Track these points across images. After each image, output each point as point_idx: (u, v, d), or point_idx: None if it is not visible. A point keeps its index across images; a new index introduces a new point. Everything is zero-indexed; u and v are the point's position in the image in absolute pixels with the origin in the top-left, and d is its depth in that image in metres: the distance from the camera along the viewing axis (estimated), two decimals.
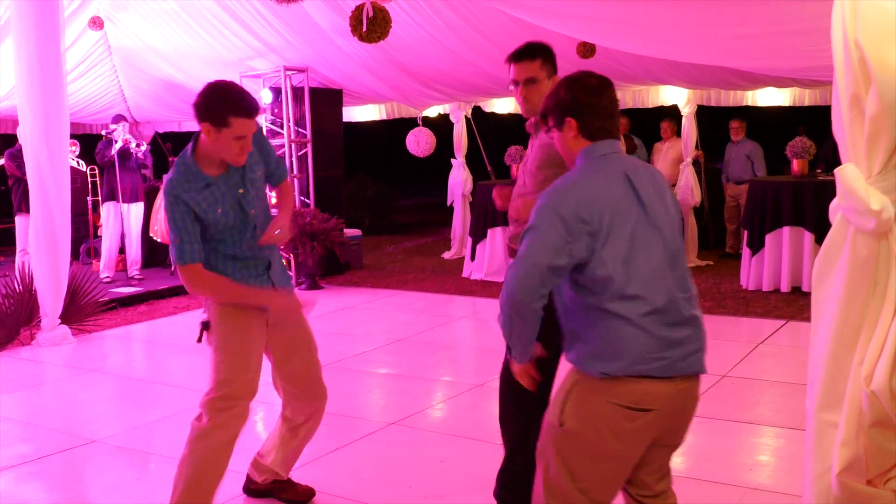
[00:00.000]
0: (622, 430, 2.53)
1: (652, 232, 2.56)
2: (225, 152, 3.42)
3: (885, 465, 2.02)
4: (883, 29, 1.93)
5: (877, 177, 2.00)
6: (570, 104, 2.65)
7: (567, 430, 2.58)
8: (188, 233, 3.45)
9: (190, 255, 3.46)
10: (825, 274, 2.13)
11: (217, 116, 3.33)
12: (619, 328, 2.48)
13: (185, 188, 3.45)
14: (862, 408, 2.00)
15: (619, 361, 2.48)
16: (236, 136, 3.37)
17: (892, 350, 1.95)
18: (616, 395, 2.50)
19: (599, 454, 2.57)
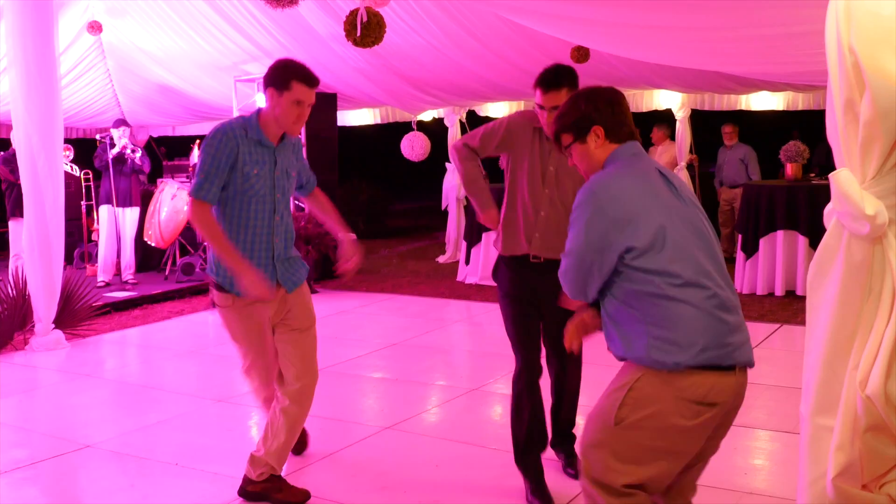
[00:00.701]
0: (688, 427, 2.55)
1: (694, 221, 2.65)
2: (283, 117, 3.78)
3: (880, 469, 2.02)
4: (877, 34, 1.94)
5: (871, 182, 2.00)
6: (594, 114, 2.77)
7: (624, 427, 2.58)
8: (216, 173, 3.76)
9: (206, 192, 3.77)
10: (820, 279, 2.13)
11: (281, 80, 3.74)
12: (689, 314, 2.52)
13: (241, 133, 3.80)
14: (857, 412, 2.00)
15: (691, 348, 2.50)
16: (296, 101, 3.75)
17: (886, 355, 1.95)
18: (684, 388, 2.52)
19: (657, 452, 2.58)
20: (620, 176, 2.67)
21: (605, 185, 2.64)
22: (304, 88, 3.77)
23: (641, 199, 2.58)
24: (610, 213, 2.57)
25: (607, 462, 2.61)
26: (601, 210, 2.59)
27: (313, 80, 3.82)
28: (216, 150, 3.75)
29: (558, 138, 2.86)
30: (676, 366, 2.50)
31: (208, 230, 3.80)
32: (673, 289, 2.52)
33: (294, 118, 3.80)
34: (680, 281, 2.52)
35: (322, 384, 4.10)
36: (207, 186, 3.76)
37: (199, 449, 4.92)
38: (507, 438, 4.80)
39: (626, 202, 2.57)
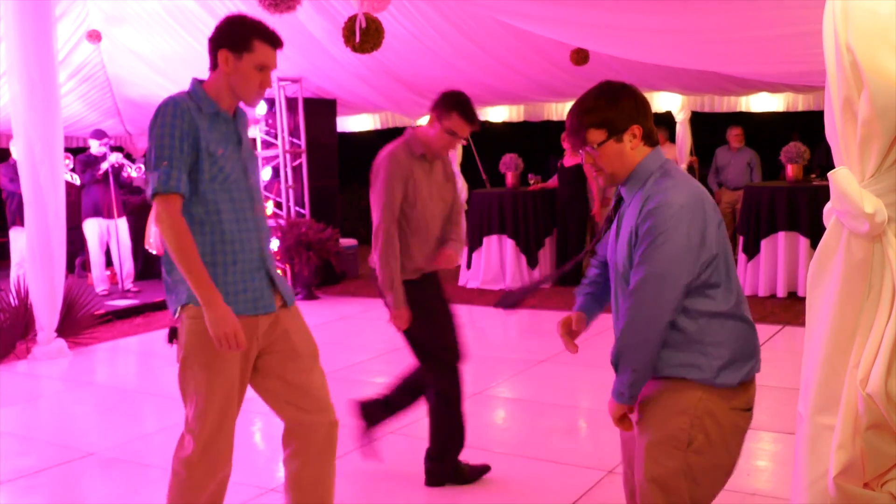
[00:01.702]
0: (741, 436, 2.56)
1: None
2: (242, 85, 3.04)
3: (881, 467, 2.02)
4: (875, 32, 1.94)
5: (870, 180, 2.00)
6: (635, 112, 2.54)
7: (695, 450, 2.49)
8: (180, 158, 2.91)
9: (176, 183, 2.89)
10: (819, 277, 2.13)
11: (240, 39, 3.00)
12: (746, 331, 2.52)
13: (193, 106, 3.00)
14: (858, 411, 2.00)
15: (749, 363, 2.51)
16: (258, 65, 3.02)
17: (887, 353, 1.95)
18: (738, 399, 2.51)
19: (723, 470, 2.56)
20: (685, 183, 2.50)
21: (681, 195, 2.44)
22: (268, 49, 3.05)
23: (709, 204, 2.50)
24: (698, 223, 2.42)
25: (687, 489, 2.51)
26: (688, 223, 2.41)
27: (277, 40, 3.09)
28: (172, 126, 2.91)
29: (585, 135, 2.56)
30: (740, 383, 2.49)
31: (180, 237, 2.89)
32: (735, 307, 2.49)
33: (256, 86, 3.05)
34: (738, 299, 2.51)
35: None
36: (176, 175, 2.88)
37: None
38: (510, 442, 4.82)
39: (703, 208, 2.45)
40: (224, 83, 3.05)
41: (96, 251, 10.08)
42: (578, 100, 2.60)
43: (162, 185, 2.88)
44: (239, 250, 3.03)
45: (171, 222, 2.89)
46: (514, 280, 10.07)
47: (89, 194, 9.95)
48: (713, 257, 2.44)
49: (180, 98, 2.99)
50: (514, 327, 8.57)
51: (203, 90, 3.06)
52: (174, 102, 2.96)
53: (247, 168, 3.11)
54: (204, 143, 2.95)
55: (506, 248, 10.17)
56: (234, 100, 3.09)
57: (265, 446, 5.24)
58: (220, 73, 3.05)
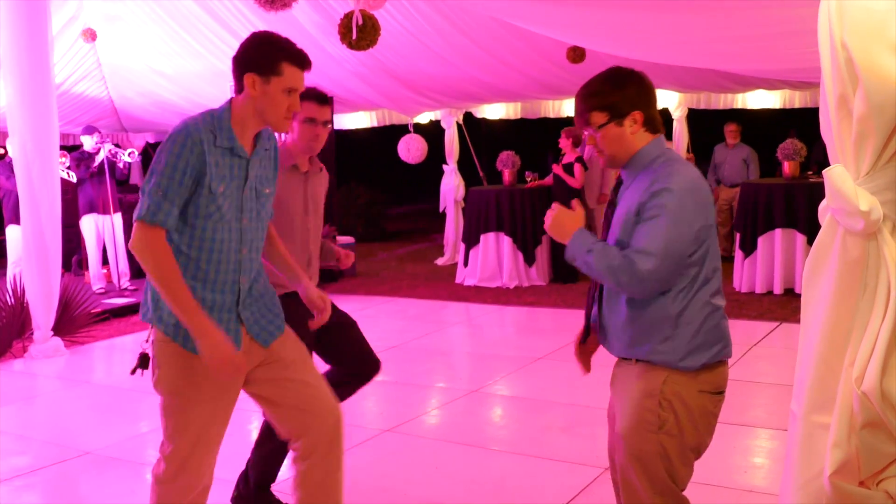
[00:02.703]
0: (710, 418, 2.67)
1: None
2: (270, 110, 2.89)
3: (877, 465, 2.01)
4: (870, 29, 1.93)
5: (865, 178, 2.00)
6: (637, 98, 2.65)
7: (667, 432, 2.60)
8: (178, 190, 2.79)
9: (165, 215, 2.78)
10: (815, 275, 2.13)
11: (267, 62, 2.86)
12: (718, 318, 2.64)
13: (208, 139, 2.84)
14: (853, 409, 2.00)
15: (714, 348, 2.62)
16: (287, 89, 2.88)
17: (882, 351, 1.94)
18: (707, 382, 2.63)
19: (693, 447, 2.66)
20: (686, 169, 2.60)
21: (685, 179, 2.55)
22: (297, 72, 2.92)
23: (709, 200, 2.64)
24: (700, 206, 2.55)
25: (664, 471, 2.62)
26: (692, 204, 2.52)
27: (306, 62, 2.95)
28: (177, 157, 2.78)
29: (589, 116, 2.66)
30: (704, 366, 2.61)
31: (163, 266, 2.77)
32: (712, 295, 2.61)
33: (285, 111, 2.91)
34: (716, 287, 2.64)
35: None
36: (167, 207, 2.77)
37: None
38: (507, 439, 4.82)
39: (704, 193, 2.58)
40: (251, 107, 2.91)
41: (93, 249, 10.07)
42: (587, 82, 2.72)
43: (150, 216, 2.77)
44: (210, 289, 2.92)
45: (151, 251, 2.78)
46: (510, 278, 10.07)
47: (84, 191, 9.92)
48: (702, 243, 2.55)
49: (196, 128, 2.83)
50: (511, 325, 8.58)
51: (230, 118, 2.92)
52: (188, 133, 2.81)
53: (243, 207, 2.94)
54: (207, 179, 2.82)
55: (503, 245, 10.17)
56: (260, 124, 2.96)
57: None
58: (246, 97, 2.91)
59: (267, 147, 3.06)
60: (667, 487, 2.64)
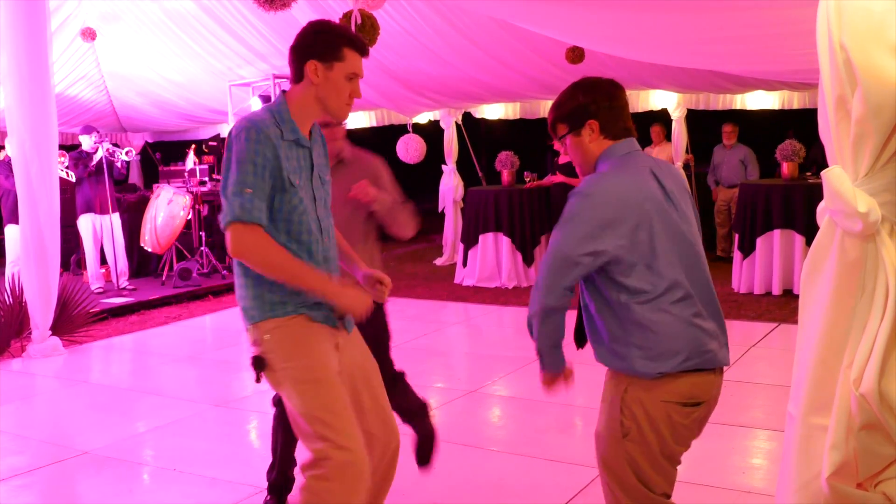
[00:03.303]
0: (680, 428, 2.61)
1: (685, 228, 2.64)
2: (332, 97, 2.86)
3: (875, 467, 2.01)
4: (868, 30, 1.93)
5: (863, 179, 1.99)
6: (592, 106, 2.69)
7: (632, 440, 2.61)
8: (262, 188, 2.74)
9: (259, 213, 2.72)
10: (813, 276, 2.12)
11: (329, 48, 2.82)
12: (668, 324, 2.55)
13: (276, 132, 2.79)
14: (851, 411, 2.00)
15: (674, 358, 2.55)
16: (349, 75, 2.85)
17: (880, 353, 1.94)
18: (670, 392, 2.58)
19: (663, 457, 2.63)
20: (609, 178, 2.63)
21: (594, 186, 2.60)
22: (357, 57, 2.87)
23: (626, 204, 2.55)
24: (597, 215, 2.54)
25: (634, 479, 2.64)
26: (589, 211, 2.55)
27: (365, 48, 2.92)
28: (254, 153, 2.72)
29: (554, 128, 2.79)
30: (661, 375, 2.56)
31: (271, 255, 2.75)
32: (664, 303, 2.55)
33: (347, 97, 2.88)
34: (669, 296, 2.55)
35: None
36: (259, 204, 2.72)
37: (198, 454, 4.91)
38: (505, 440, 4.82)
39: (611, 206, 2.54)
40: (312, 96, 2.87)
41: (90, 248, 10.05)
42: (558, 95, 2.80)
43: (247, 214, 2.71)
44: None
45: (254, 249, 2.75)
46: (509, 278, 10.07)
47: (82, 190, 9.91)
48: (616, 249, 2.52)
49: (262, 123, 2.78)
50: (509, 325, 8.57)
51: (288, 110, 2.87)
52: (257, 128, 2.75)
53: (315, 197, 2.93)
54: (284, 173, 2.78)
55: (501, 245, 10.17)
56: (321, 113, 2.92)
57: (261, 445, 5.24)
58: (306, 84, 2.86)
59: (320, 133, 3.06)
60: (639, 492, 2.65)
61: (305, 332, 2.85)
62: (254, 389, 6.25)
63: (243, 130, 2.75)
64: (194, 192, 11.20)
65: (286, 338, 2.83)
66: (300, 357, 2.82)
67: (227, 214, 2.73)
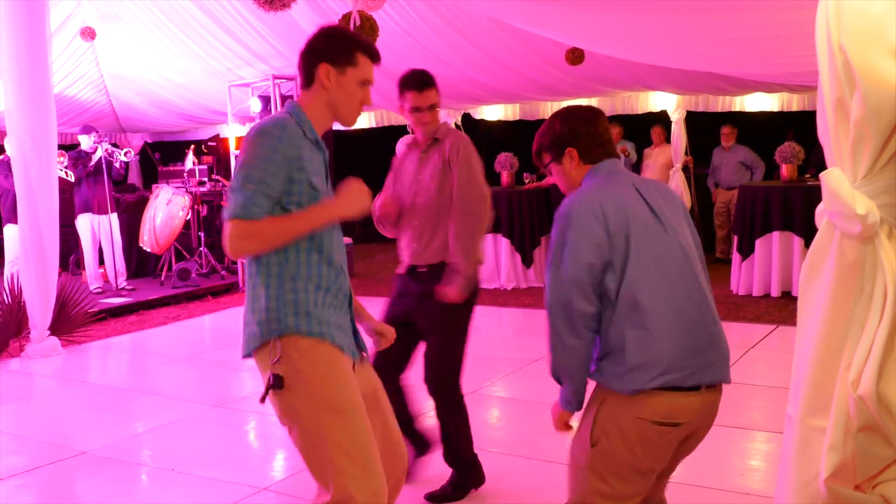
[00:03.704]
0: (652, 446, 2.58)
1: (673, 243, 2.62)
2: (344, 103, 2.80)
3: (873, 469, 2.01)
4: (867, 32, 1.93)
5: (862, 181, 1.99)
6: (569, 135, 2.76)
7: (599, 450, 2.61)
8: (271, 185, 2.64)
9: (257, 209, 2.61)
10: (812, 278, 2.12)
11: (342, 52, 2.75)
12: (647, 342, 2.51)
13: (298, 141, 2.69)
14: (850, 413, 2.00)
15: (648, 373, 2.51)
16: (362, 81, 2.79)
17: (878, 355, 1.94)
18: (645, 410, 2.54)
19: (631, 470, 2.61)
20: (592, 195, 2.64)
21: (578, 203, 2.62)
22: (370, 64, 2.81)
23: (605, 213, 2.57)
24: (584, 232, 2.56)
25: (593, 483, 2.64)
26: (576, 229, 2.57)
27: (377, 55, 2.84)
28: (274, 150, 2.63)
29: (539, 157, 2.87)
30: (634, 392, 2.53)
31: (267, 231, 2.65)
32: (636, 317, 2.53)
33: (357, 104, 2.82)
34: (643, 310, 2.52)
35: None
36: (261, 201, 2.62)
37: (196, 454, 4.91)
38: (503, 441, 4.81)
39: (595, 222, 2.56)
40: (323, 101, 2.80)
41: (89, 248, 10.05)
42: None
43: (245, 211, 2.60)
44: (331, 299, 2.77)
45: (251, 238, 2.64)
46: (508, 279, 10.07)
47: (81, 190, 9.92)
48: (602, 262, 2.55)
49: (285, 121, 2.70)
50: (508, 326, 8.57)
51: (304, 114, 2.78)
52: (282, 126, 2.67)
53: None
54: (307, 175, 2.68)
55: (501, 247, 10.16)
56: (331, 119, 2.85)
57: (259, 446, 5.24)
58: (318, 89, 2.78)
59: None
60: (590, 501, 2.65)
61: (336, 358, 2.71)
62: (252, 390, 6.25)
63: (267, 127, 2.67)
64: (193, 192, 11.20)
65: (316, 361, 2.67)
66: (331, 384, 2.67)
67: (228, 209, 2.65)
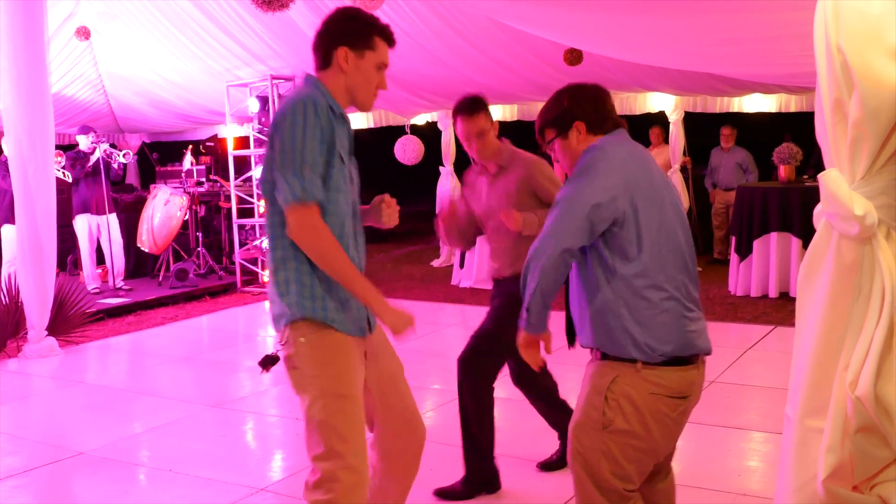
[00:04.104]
0: (666, 421, 2.63)
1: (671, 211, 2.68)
2: (361, 86, 2.80)
3: (870, 470, 2.01)
4: (865, 33, 1.93)
5: (860, 182, 1.99)
6: (576, 109, 2.77)
7: (613, 431, 2.63)
8: (318, 163, 2.64)
9: (317, 188, 2.64)
10: (810, 279, 2.12)
11: (361, 35, 2.75)
12: (664, 314, 2.58)
13: (329, 115, 2.70)
14: (847, 414, 2.00)
15: (665, 346, 2.57)
16: (379, 64, 2.81)
17: (876, 356, 1.94)
18: (657, 385, 2.59)
19: (645, 449, 2.65)
20: (615, 145, 2.71)
21: (602, 150, 2.68)
22: (387, 47, 2.82)
23: (631, 166, 2.65)
24: (612, 168, 2.63)
25: (605, 467, 2.65)
26: (603, 163, 2.64)
27: (393, 38, 2.85)
28: (314, 127, 2.62)
29: (542, 133, 2.87)
30: (647, 365, 2.58)
31: (330, 246, 2.68)
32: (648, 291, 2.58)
33: (374, 88, 2.83)
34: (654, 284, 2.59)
35: None
36: (317, 182, 2.63)
37: (194, 455, 4.90)
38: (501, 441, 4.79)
39: (623, 162, 2.64)
40: (342, 84, 2.80)
41: (86, 248, 10.04)
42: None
43: (307, 193, 2.62)
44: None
45: (314, 233, 2.67)
46: None
47: (79, 190, 9.90)
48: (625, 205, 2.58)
49: (316, 96, 2.68)
50: None
51: (327, 89, 2.79)
52: (313, 101, 2.65)
53: (352, 177, 2.89)
54: (338, 147, 2.71)
55: None
56: (347, 102, 2.84)
57: (256, 446, 5.23)
58: (335, 72, 2.79)
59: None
60: (609, 486, 2.67)
61: (340, 344, 2.79)
62: (250, 390, 6.25)
63: (296, 104, 2.64)
64: (191, 192, 11.20)
65: (321, 346, 2.77)
66: (331, 367, 2.77)
67: (287, 195, 2.62)
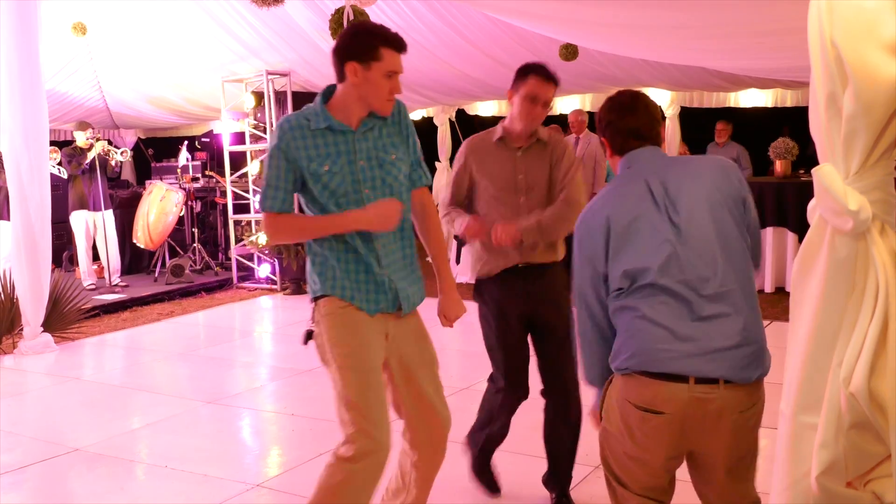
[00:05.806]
0: (637, 430, 2.58)
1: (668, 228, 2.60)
2: (374, 95, 3.05)
3: (864, 467, 2.01)
4: (860, 27, 1.92)
5: (854, 177, 1.99)
6: (603, 124, 2.83)
7: (604, 430, 2.72)
8: (281, 177, 3.07)
9: (273, 200, 3.09)
10: (803, 275, 2.12)
11: (366, 49, 3.00)
12: (633, 322, 2.57)
13: (294, 135, 3.05)
14: (841, 409, 1.99)
15: (630, 356, 2.56)
16: (387, 73, 3.03)
17: (870, 351, 1.94)
18: (629, 393, 2.58)
19: (625, 453, 2.66)
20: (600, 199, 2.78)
21: (584, 215, 2.79)
22: (395, 55, 3.05)
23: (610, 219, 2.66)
24: (586, 248, 2.72)
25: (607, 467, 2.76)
26: (580, 244, 2.76)
27: (402, 45, 3.09)
28: (275, 147, 3.06)
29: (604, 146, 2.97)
30: (618, 370, 2.61)
31: (294, 226, 3.21)
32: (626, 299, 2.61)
33: (387, 94, 3.07)
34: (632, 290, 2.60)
35: (316, 385, 4.02)
36: (273, 193, 3.08)
37: (190, 451, 4.90)
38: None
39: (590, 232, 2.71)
40: (354, 94, 3.06)
41: (82, 245, 10.02)
42: None
43: (266, 204, 3.12)
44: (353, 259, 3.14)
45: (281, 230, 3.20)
46: None
47: (75, 187, 9.89)
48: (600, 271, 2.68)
49: (286, 120, 3.09)
50: None
51: (323, 104, 3.12)
52: (280, 126, 3.09)
53: (361, 179, 3.09)
54: (305, 163, 3.04)
55: None
56: (364, 109, 3.10)
57: (253, 442, 5.23)
58: (348, 84, 3.06)
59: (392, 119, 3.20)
60: (610, 485, 2.77)
61: (357, 321, 3.11)
62: (246, 387, 6.25)
63: (276, 128, 3.11)
64: (187, 188, 11.19)
65: (338, 324, 3.11)
66: (346, 344, 3.08)
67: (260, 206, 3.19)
